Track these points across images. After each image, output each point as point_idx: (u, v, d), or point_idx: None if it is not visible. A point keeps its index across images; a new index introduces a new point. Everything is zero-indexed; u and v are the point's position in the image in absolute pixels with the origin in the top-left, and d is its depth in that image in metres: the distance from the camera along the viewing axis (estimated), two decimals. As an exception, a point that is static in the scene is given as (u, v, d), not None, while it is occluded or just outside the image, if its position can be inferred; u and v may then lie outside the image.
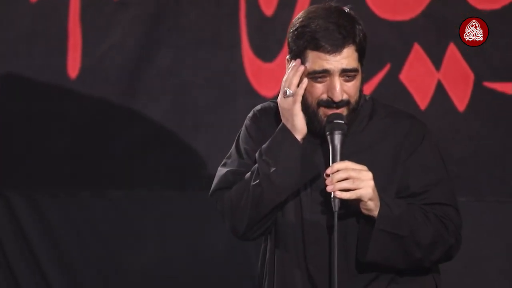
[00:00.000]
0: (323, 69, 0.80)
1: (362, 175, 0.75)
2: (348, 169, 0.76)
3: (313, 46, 0.80)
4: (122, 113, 2.24)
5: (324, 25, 0.79)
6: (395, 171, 0.84)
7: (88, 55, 2.25)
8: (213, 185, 0.96)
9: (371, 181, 0.76)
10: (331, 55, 0.79)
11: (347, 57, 0.80)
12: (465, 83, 1.91)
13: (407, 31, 1.95)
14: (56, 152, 2.25)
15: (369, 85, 1.82)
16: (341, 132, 0.79)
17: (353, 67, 0.80)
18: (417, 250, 0.79)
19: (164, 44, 2.20)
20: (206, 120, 2.20)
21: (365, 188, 0.75)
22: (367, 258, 0.79)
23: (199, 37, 2.18)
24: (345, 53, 0.79)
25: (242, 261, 2.11)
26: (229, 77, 2.15)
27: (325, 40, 0.78)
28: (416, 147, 0.84)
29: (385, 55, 1.92)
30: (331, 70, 0.79)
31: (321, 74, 0.81)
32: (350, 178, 0.75)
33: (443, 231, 0.80)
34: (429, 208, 0.82)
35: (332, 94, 0.80)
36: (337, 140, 0.78)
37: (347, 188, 0.75)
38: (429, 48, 1.93)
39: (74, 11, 2.24)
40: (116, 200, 2.26)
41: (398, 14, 1.94)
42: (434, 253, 0.82)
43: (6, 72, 2.27)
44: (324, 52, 0.79)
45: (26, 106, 2.28)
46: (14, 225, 2.27)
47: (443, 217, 0.81)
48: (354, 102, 0.83)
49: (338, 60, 0.79)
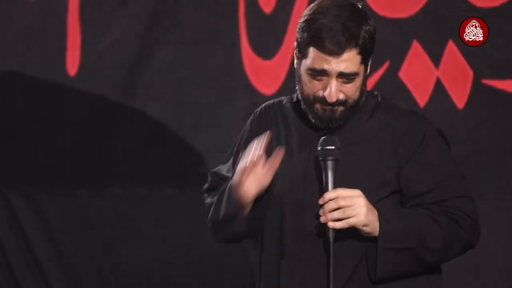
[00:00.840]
0: (322, 69, 0.79)
1: (353, 202, 0.75)
2: (339, 198, 0.75)
3: (315, 43, 0.79)
4: (122, 111, 2.24)
5: (330, 25, 0.78)
6: (392, 167, 0.83)
7: (87, 53, 2.24)
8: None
9: (363, 207, 0.75)
10: (331, 57, 0.78)
11: (347, 61, 0.79)
12: (464, 80, 1.91)
13: (406, 28, 1.95)
14: (55, 151, 2.25)
15: (368, 82, 1.82)
16: (333, 158, 0.78)
17: (351, 71, 0.79)
18: (430, 256, 0.78)
19: (163, 42, 2.19)
20: (206, 118, 2.20)
21: (357, 216, 0.74)
22: (377, 276, 0.79)
23: (198, 35, 2.18)
24: (345, 57, 0.78)
25: (241, 260, 2.11)
26: (228, 75, 2.15)
27: (327, 41, 0.78)
28: (417, 146, 0.83)
29: (384, 52, 1.92)
30: (329, 71, 0.79)
31: (319, 72, 0.80)
32: (341, 207, 0.74)
33: (456, 229, 0.79)
34: (438, 208, 0.80)
35: (327, 95, 0.80)
36: (329, 167, 0.78)
37: (338, 218, 0.74)
38: (428, 46, 1.93)
39: (73, 9, 2.23)
40: (115, 199, 2.26)
41: (397, 12, 1.94)
42: (450, 253, 0.81)
43: (6, 71, 2.27)
44: (324, 53, 0.78)
45: (25, 104, 2.28)
46: (14, 224, 2.26)
47: (454, 213, 0.80)
48: (352, 101, 0.82)
49: (337, 62, 0.78)
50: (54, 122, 2.26)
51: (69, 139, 2.26)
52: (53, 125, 2.26)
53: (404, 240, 0.77)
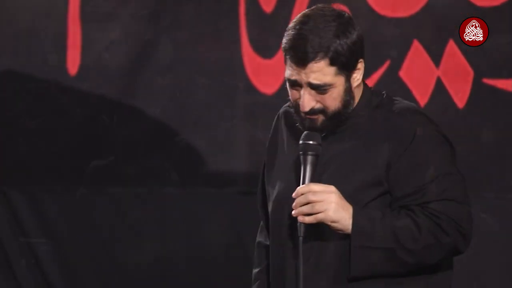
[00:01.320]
0: (293, 79, 0.80)
1: (323, 197, 0.74)
2: (310, 192, 0.74)
3: (287, 53, 0.80)
4: (122, 111, 2.24)
5: (297, 36, 0.78)
6: (382, 167, 0.81)
7: (87, 53, 2.24)
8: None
9: (332, 203, 0.74)
10: (298, 67, 0.78)
11: (316, 72, 0.77)
12: (464, 79, 1.91)
13: (407, 27, 1.95)
14: (55, 150, 2.25)
15: (369, 81, 1.82)
16: (313, 153, 0.78)
17: (321, 83, 0.78)
18: (408, 257, 0.77)
19: (163, 41, 2.20)
20: (206, 118, 2.20)
21: (325, 212, 0.74)
22: (351, 274, 0.78)
23: (199, 34, 2.18)
24: (313, 68, 0.77)
25: (242, 258, 2.11)
26: (228, 74, 2.15)
27: (293, 51, 0.78)
28: (406, 147, 0.81)
29: (384, 51, 1.92)
30: (299, 81, 0.79)
31: (292, 82, 0.81)
32: (310, 202, 0.74)
33: (437, 231, 0.77)
34: (421, 210, 0.78)
35: (300, 104, 0.80)
36: (308, 162, 0.77)
37: (307, 212, 0.74)
38: (428, 45, 1.93)
39: (73, 9, 2.23)
40: (115, 198, 2.26)
41: (398, 11, 1.94)
42: (431, 255, 0.79)
43: (6, 70, 2.27)
44: (293, 63, 0.78)
45: (25, 103, 2.28)
46: (14, 223, 2.26)
47: (437, 216, 0.77)
48: (332, 111, 0.80)
49: (305, 73, 0.78)
50: (54, 122, 2.26)
51: (70, 139, 2.26)
52: (53, 125, 2.26)
53: (378, 239, 0.76)
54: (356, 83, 0.83)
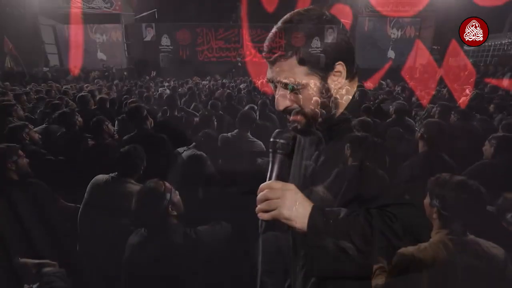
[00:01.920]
0: (268, 78, 0.79)
1: (279, 195, 0.73)
2: (268, 190, 0.74)
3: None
4: (122, 111, 2.24)
5: (272, 34, 0.77)
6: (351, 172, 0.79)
7: (87, 53, 2.24)
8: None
9: (286, 201, 0.73)
10: (270, 65, 0.78)
11: (286, 71, 0.77)
12: (467, 79, 1.92)
13: (409, 27, 1.96)
14: (55, 150, 2.25)
15: (371, 80, 1.83)
16: (282, 152, 0.77)
17: (289, 82, 0.77)
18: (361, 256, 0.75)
19: (164, 40, 2.19)
20: (206, 118, 2.20)
21: (278, 209, 0.73)
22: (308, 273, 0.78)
23: (200, 34, 2.18)
24: (282, 66, 0.76)
25: (243, 259, 2.10)
26: (230, 73, 2.15)
27: (265, 48, 0.77)
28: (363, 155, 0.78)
29: (386, 51, 1.93)
30: (270, 79, 0.79)
31: (268, 80, 0.80)
32: (267, 199, 0.74)
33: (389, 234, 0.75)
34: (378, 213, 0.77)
35: (275, 103, 0.79)
36: (276, 160, 0.77)
37: (264, 209, 0.74)
38: (430, 45, 1.93)
39: (74, 9, 2.23)
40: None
41: (400, 11, 1.95)
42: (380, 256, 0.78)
43: (6, 70, 2.26)
44: (266, 60, 0.78)
45: (25, 103, 2.27)
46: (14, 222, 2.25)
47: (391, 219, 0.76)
48: (308, 112, 0.79)
49: (276, 71, 0.77)
50: (54, 121, 2.26)
51: (70, 139, 2.26)
52: (53, 124, 2.25)
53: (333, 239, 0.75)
54: (338, 85, 0.80)
